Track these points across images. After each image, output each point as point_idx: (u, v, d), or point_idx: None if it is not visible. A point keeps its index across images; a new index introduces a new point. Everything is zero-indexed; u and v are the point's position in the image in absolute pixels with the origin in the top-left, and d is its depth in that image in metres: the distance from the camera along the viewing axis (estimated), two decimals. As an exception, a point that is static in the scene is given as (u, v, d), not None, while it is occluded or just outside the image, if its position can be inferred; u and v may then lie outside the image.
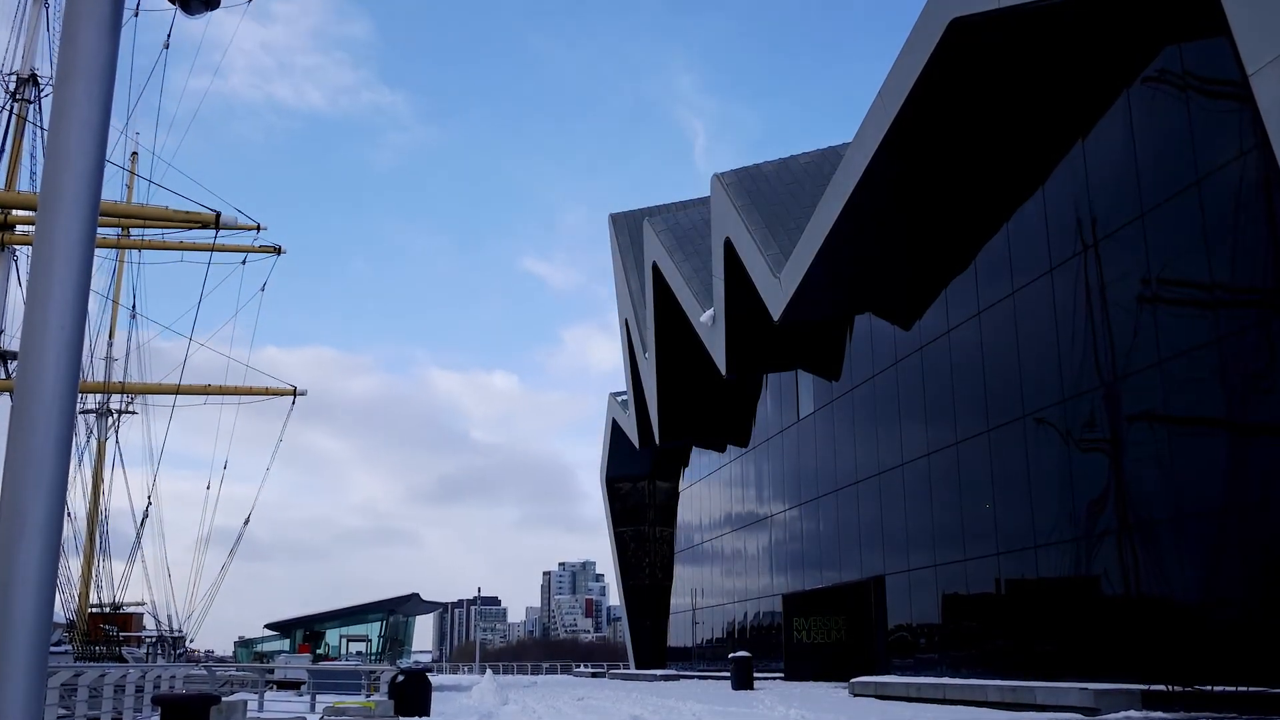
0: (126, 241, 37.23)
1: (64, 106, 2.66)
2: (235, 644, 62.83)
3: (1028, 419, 20.62)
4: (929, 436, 24.99)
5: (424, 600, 60.81)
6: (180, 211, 30.34)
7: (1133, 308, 17.45)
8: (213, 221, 29.32)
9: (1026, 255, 20.91)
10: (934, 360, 24.88)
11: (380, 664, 42.28)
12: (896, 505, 26.73)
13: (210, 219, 29.32)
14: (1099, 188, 18.66)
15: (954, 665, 22.94)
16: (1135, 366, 17.28)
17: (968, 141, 21.14)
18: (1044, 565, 19.89)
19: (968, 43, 18.51)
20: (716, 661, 40.21)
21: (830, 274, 25.87)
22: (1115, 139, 18.24)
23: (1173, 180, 16.54)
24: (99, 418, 42.38)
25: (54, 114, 2.69)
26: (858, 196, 22.83)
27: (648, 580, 53.04)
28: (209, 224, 29.69)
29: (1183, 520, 16.09)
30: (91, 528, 40.40)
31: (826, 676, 31.14)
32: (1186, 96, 16.35)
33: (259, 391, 40.85)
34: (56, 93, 2.71)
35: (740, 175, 31.77)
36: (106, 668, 24.65)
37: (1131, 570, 17.37)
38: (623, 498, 54.19)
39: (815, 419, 32.83)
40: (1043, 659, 19.61)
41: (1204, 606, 15.86)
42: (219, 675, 34.52)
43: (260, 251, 38.30)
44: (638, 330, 43.53)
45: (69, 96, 2.67)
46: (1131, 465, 17.44)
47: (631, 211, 47.55)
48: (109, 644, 37.26)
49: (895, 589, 26.62)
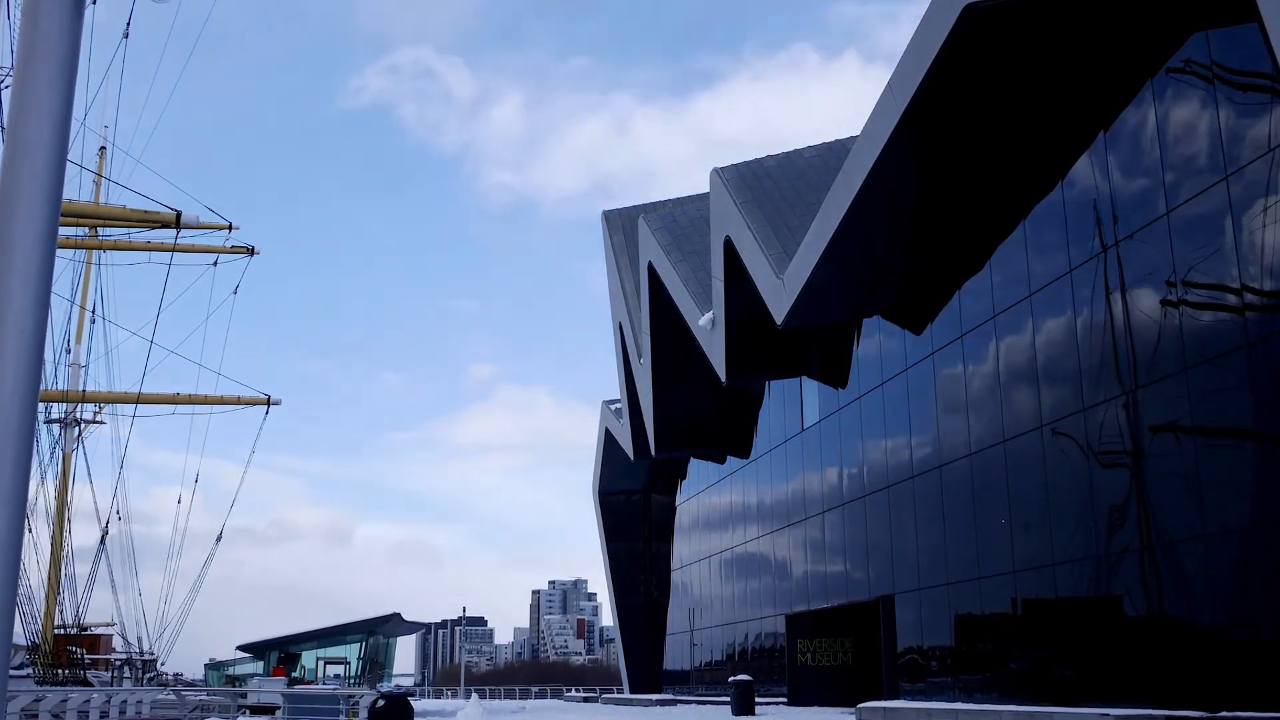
0: (86, 241, 37.15)
1: (24, 97, 2.64)
2: (205, 666, 62.69)
3: (1045, 429, 20.63)
4: (941, 448, 24.99)
5: (406, 620, 60.71)
6: (138, 210, 29.86)
7: (1156, 311, 17.47)
8: (173, 221, 28.86)
9: (1044, 256, 20.93)
10: (946, 367, 24.89)
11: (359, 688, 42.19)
12: (907, 520, 26.72)
13: (170, 218, 28.85)
14: (1121, 184, 18.69)
15: (967, 689, 22.92)
16: (1159, 374, 17.29)
17: (982, 136, 21.16)
18: (1062, 584, 19.88)
19: (983, 31, 18.53)
20: (716, 685, 40.14)
21: (837, 275, 25.87)
22: (1138, 133, 18.27)
23: (1199, 176, 16.57)
24: (64, 428, 42.23)
25: (13, 105, 2.67)
26: (866, 193, 22.83)
27: (643, 599, 52.96)
28: (169, 224, 29.20)
29: (1208, 537, 16.09)
30: (56, 544, 40.26)
31: (832, 701, 31.10)
32: (1214, 88, 16.38)
33: (230, 401, 40.76)
34: (16, 82, 2.68)
35: (741, 170, 31.78)
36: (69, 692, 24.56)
37: (1154, 589, 17.37)
38: (617, 512, 54.12)
39: (820, 429, 32.83)
40: (1061, 683, 19.59)
41: (1230, 628, 15.86)
42: (188, 700, 34.43)
43: (232, 252, 38.28)
44: (632, 334, 43.51)
45: (29, 86, 2.65)
46: (1154, 478, 17.45)
47: (626, 208, 47.56)
48: (73, 667, 37.12)
49: (905, 609, 26.60)
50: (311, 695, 33.41)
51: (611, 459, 51.59)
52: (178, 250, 31.48)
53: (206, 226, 34.42)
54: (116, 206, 31.45)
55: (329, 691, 35.48)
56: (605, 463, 52.83)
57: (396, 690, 28.81)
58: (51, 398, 39.29)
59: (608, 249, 47.27)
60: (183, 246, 34.04)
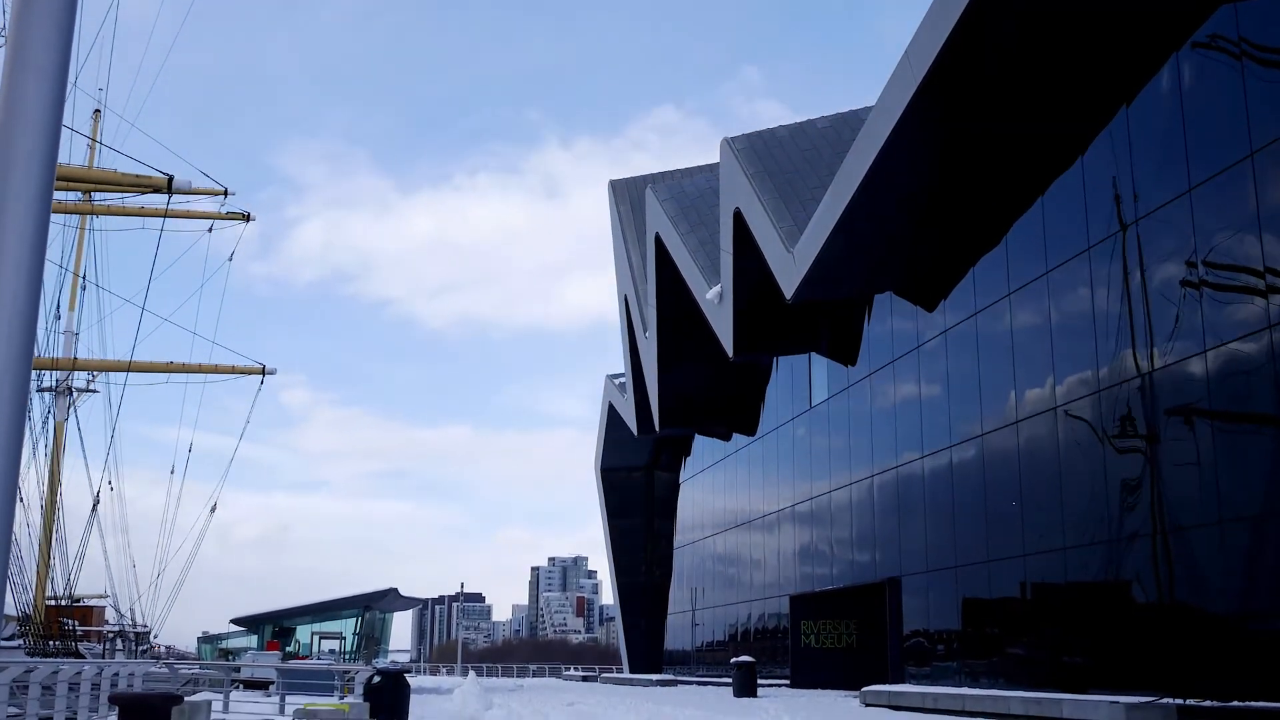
0: (79, 206, 37.01)
1: (18, 56, 2.62)
2: (199, 640, 62.99)
3: (1059, 410, 20.62)
4: (952, 427, 25.00)
5: (402, 596, 60.91)
6: (129, 175, 29.61)
7: (1175, 292, 17.41)
8: (165, 186, 28.65)
9: (1061, 233, 20.85)
10: (959, 345, 24.85)
11: (355, 663, 42.39)
12: (915, 501, 26.76)
13: (162, 183, 28.63)
14: (1141, 161, 18.59)
15: (974, 675, 23.02)
16: (1176, 356, 17.26)
17: (1000, 108, 21.05)
18: (1072, 569, 19.93)
19: (1002, 0, 18.41)
20: (717, 666, 40.35)
21: (849, 250, 25.81)
22: (1160, 108, 18.16)
23: (1222, 154, 16.48)
24: (57, 396, 42.30)
25: (8, 62, 2.65)
26: (880, 166, 22.74)
27: (644, 578, 53.18)
28: (161, 188, 28.98)
29: (1223, 524, 16.10)
30: (49, 515, 40.43)
31: (836, 684, 31.25)
32: (1241, 64, 16.26)
33: (225, 370, 40.75)
34: (10, 41, 2.67)
35: (752, 140, 31.66)
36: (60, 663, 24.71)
37: (1166, 576, 17.40)
38: (619, 489, 54.27)
39: (829, 406, 32.84)
40: (1070, 669, 19.67)
41: (1244, 617, 15.89)
42: (181, 673, 34.63)
43: (228, 218, 38.18)
44: (638, 307, 43.49)
45: (24, 44, 2.63)
46: (1169, 463, 17.45)
47: (633, 178, 47.43)
48: (64, 639, 37.33)
49: (912, 591, 26.68)
50: (306, 670, 33.60)
51: (614, 434, 51.69)
52: (172, 216, 31.39)
53: (200, 192, 34.27)
54: (108, 170, 31.29)
55: (324, 667, 35.70)
56: (608, 438, 52.92)
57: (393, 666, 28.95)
58: (42, 366, 39.35)
59: (614, 219, 47.18)
60: (177, 212, 33.93)
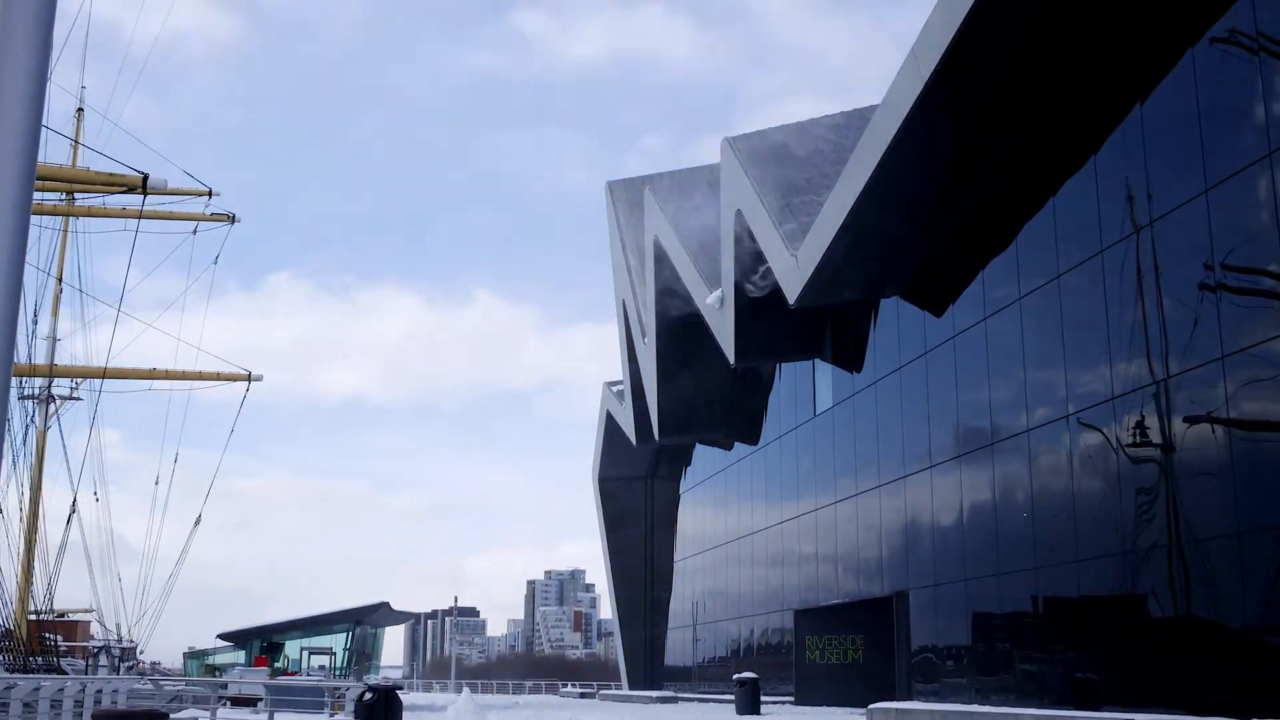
0: (57, 207, 36.90)
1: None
2: (184, 655, 62.86)
3: (1071, 419, 20.59)
4: (960, 436, 24.97)
5: (395, 610, 60.84)
6: (101, 173, 29.14)
7: (1192, 296, 17.39)
8: (140, 184, 28.08)
9: (1073, 235, 20.84)
10: (968, 351, 24.83)
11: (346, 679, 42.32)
12: (923, 512, 26.72)
13: (136, 181, 28.08)
14: (1156, 160, 18.58)
15: (984, 691, 22.97)
16: (1193, 362, 17.23)
17: (1010, 106, 21.06)
18: (1086, 583, 19.89)
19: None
20: (719, 683, 40.26)
21: (853, 252, 25.80)
22: (1177, 105, 18.14)
23: (1241, 153, 16.47)
24: (39, 404, 42.22)
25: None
26: (886, 166, 22.74)
27: (644, 591, 53.09)
28: (135, 187, 28.38)
29: (1242, 535, 16.07)
30: (31, 527, 40.34)
31: (842, 701, 31.18)
32: (1260, 59, 16.26)
33: (209, 377, 40.70)
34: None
35: (753, 140, 31.68)
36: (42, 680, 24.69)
37: (1183, 589, 17.36)
38: (617, 500, 54.17)
39: (834, 414, 32.81)
40: (1083, 686, 19.62)
41: (1264, 631, 15.85)
42: (166, 689, 34.59)
43: (212, 220, 38.14)
44: (636, 312, 43.45)
45: (4, 40, 2.61)
46: (1186, 473, 17.42)
47: (631, 179, 47.42)
48: (46, 654, 37.25)
49: (920, 605, 26.63)
50: (295, 687, 33.58)
51: (612, 443, 51.62)
52: (155, 218, 31.31)
53: (180, 192, 34.10)
54: (81, 169, 31.05)
55: (314, 683, 35.65)
56: (606, 447, 52.85)
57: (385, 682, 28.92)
58: (20, 372, 39.28)
59: (611, 221, 47.16)
60: (159, 214, 33.83)
